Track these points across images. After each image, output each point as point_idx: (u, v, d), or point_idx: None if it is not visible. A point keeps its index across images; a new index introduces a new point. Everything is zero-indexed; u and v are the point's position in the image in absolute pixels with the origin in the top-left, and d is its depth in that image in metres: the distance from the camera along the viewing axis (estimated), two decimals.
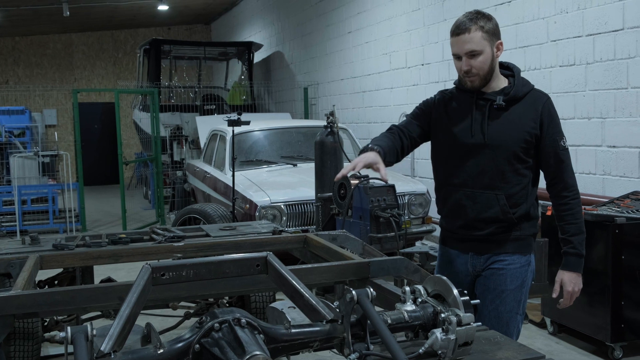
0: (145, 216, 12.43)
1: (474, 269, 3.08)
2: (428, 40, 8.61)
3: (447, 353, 1.92)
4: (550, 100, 2.98)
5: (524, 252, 3.05)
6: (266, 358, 1.67)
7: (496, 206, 2.95)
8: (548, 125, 2.93)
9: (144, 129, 14.12)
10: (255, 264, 2.12)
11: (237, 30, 18.44)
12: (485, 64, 2.88)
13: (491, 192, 2.97)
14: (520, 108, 2.94)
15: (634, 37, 5.47)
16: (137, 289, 1.92)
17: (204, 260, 2.09)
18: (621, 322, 4.70)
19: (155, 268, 1.99)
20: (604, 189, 5.83)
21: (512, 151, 2.93)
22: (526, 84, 2.99)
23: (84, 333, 1.64)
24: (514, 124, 2.93)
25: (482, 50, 2.85)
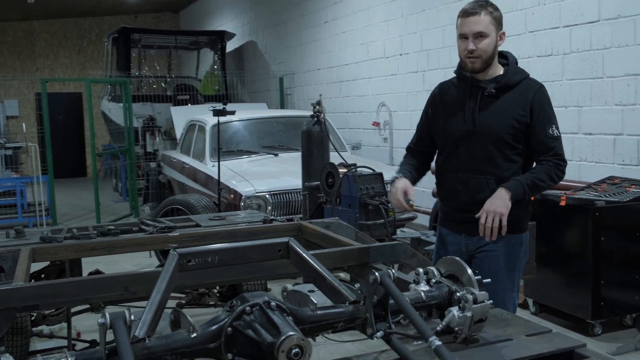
0: (118, 209, 12.31)
1: (467, 249, 3.22)
2: (406, 31, 8.73)
3: (464, 330, 2.04)
4: (542, 89, 3.10)
5: (515, 232, 3.13)
6: (300, 338, 1.75)
7: (486, 190, 3.08)
8: (538, 113, 3.04)
9: (114, 119, 13.92)
10: (278, 249, 2.19)
11: (207, 19, 18.32)
12: (489, 48, 3.05)
13: (482, 176, 3.11)
14: (511, 96, 3.08)
15: (609, 28, 5.66)
16: (166, 276, 1.97)
17: (229, 246, 2.15)
18: (600, 300, 4.92)
19: (182, 254, 2.05)
20: (580, 175, 6.02)
21: (500, 137, 3.06)
22: (519, 73, 3.13)
23: (122, 318, 1.69)
24: (503, 111, 3.06)
25: (488, 34, 3.03)
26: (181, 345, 1.76)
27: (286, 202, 6.68)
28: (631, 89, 5.51)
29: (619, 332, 5.06)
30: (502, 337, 2.13)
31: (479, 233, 3.02)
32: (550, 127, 3.05)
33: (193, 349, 1.77)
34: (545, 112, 3.06)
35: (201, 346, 1.78)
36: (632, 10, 5.44)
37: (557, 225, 5.13)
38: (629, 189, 5.11)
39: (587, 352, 2.03)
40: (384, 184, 5.33)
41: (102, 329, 1.65)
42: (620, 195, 5.00)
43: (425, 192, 8.34)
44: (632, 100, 5.51)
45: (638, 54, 5.42)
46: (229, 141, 8.15)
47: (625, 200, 4.94)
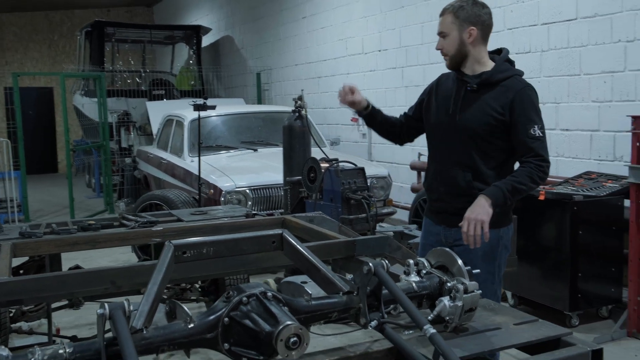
0: (92, 205, 12.19)
1: (446, 240, 3.24)
2: (385, 27, 8.77)
3: (454, 319, 2.08)
4: (526, 89, 3.05)
5: (495, 226, 3.10)
6: (299, 327, 1.77)
7: (462, 182, 3.13)
8: (519, 113, 3.01)
9: (87, 114, 13.76)
10: (271, 241, 2.21)
11: (181, 14, 18.21)
12: (451, 46, 3.11)
13: (459, 169, 3.15)
14: (491, 93, 3.07)
15: (586, 26, 5.75)
16: (162, 267, 1.98)
17: (223, 238, 2.16)
18: (577, 292, 5.02)
19: (177, 246, 2.05)
20: (557, 170, 6.10)
21: (477, 132, 3.09)
22: (505, 71, 3.11)
23: (121, 309, 1.69)
24: (482, 107, 3.08)
25: (448, 33, 3.10)
26: (179, 336, 1.77)
27: (266, 197, 6.69)
28: (607, 86, 5.60)
29: (595, 323, 5.16)
30: (491, 325, 2.17)
31: (464, 241, 3.01)
32: (532, 127, 3.01)
33: (190, 339, 1.78)
34: (526, 112, 3.02)
35: (198, 336, 1.79)
36: (609, 9, 5.53)
37: (535, 219, 5.20)
38: (605, 184, 5.20)
39: (573, 339, 2.08)
40: (366, 178, 5.37)
41: (101, 319, 1.65)
42: (597, 190, 5.09)
43: (403, 187, 8.41)
44: (609, 97, 5.60)
45: (614, 52, 5.52)
46: (208, 136, 8.12)
47: (602, 194, 5.03)
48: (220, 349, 1.81)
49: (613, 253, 5.16)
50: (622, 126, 5.37)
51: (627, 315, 4.86)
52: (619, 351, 4.54)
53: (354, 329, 5.07)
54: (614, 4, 5.49)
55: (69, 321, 5.32)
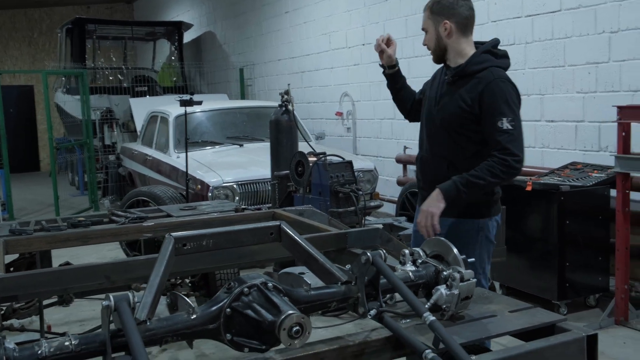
0: (76, 203, 12.13)
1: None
2: (369, 20, 8.78)
3: (451, 307, 2.11)
4: (498, 81, 3.03)
5: (474, 217, 3.19)
6: (301, 316, 1.79)
7: (439, 172, 3.19)
8: (488, 105, 3.02)
9: (69, 112, 13.69)
10: (270, 232, 2.22)
11: (162, 10, 18.12)
12: (430, 41, 3.21)
13: (437, 159, 3.24)
14: (465, 85, 3.11)
15: (570, 18, 5.80)
16: (163, 259, 1.99)
17: (222, 230, 2.17)
18: (565, 282, 5.07)
19: (177, 238, 2.06)
20: (542, 161, 6.16)
21: (449, 123, 3.16)
22: (482, 63, 3.11)
23: (126, 301, 1.71)
24: (455, 98, 3.14)
25: (427, 29, 3.22)
26: (182, 327, 1.79)
27: (254, 192, 6.69)
28: (592, 77, 5.66)
29: (583, 312, 5.23)
30: (487, 313, 2.20)
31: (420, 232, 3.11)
32: (500, 120, 2.98)
33: (193, 330, 1.80)
34: (495, 104, 3.01)
35: (201, 327, 1.81)
36: (593, 0, 5.58)
37: (523, 209, 5.25)
38: (591, 174, 5.26)
39: (568, 325, 2.11)
40: (354, 171, 5.39)
41: (107, 311, 1.66)
42: (584, 180, 5.15)
43: (389, 180, 8.44)
44: (593, 88, 5.66)
45: (598, 43, 5.57)
46: (193, 132, 8.10)
47: (588, 185, 5.09)
48: (222, 339, 1.83)
49: (600, 242, 5.22)
50: (606, 116, 5.43)
51: (615, 303, 4.91)
52: (607, 339, 4.60)
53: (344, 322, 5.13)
54: None
55: (59, 318, 5.31)
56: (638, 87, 5.29)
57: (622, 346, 4.56)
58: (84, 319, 5.44)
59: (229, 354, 4.26)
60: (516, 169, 3.02)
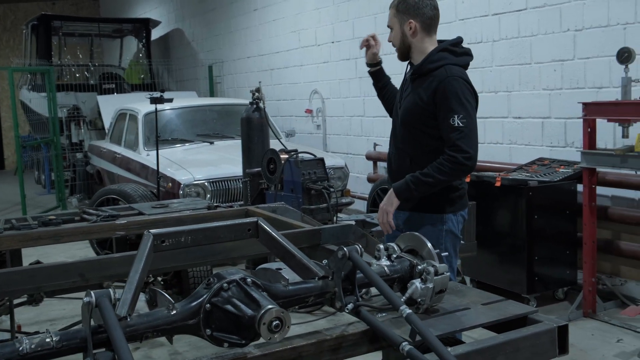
0: (43, 201, 11.98)
1: (396, 221, 3.32)
2: (338, 19, 8.80)
3: (426, 300, 2.15)
4: (450, 80, 3.09)
5: (435, 211, 3.26)
6: (280, 310, 1.81)
7: (402, 167, 3.30)
8: (441, 103, 3.10)
9: (35, 109, 13.52)
10: (247, 229, 2.24)
11: (129, 7, 17.97)
12: (395, 39, 3.29)
13: (401, 155, 3.34)
14: (422, 83, 3.19)
15: (536, 16, 5.89)
16: (142, 256, 2.00)
17: (200, 227, 2.19)
18: (534, 276, 5.17)
19: (155, 235, 2.07)
20: (510, 157, 6.25)
21: (408, 119, 3.27)
22: (437, 61, 3.17)
23: (108, 297, 1.72)
24: (413, 96, 3.23)
25: (392, 26, 3.30)
26: (162, 323, 1.80)
27: (225, 190, 6.69)
28: (557, 74, 5.75)
29: (552, 305, 5.33)
30: (461, 306, 2.25)
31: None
32: (452, 117, 3.06)
33: (173, 325, 1.81)
34: (447, 102, 3.09)
35: (181, 323, 1.82)
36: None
37: (492, 205, 5.33)
38: (558, 170, 5.36)
39: (539, 317, 2.17)
40: (326, 169, 5.42)
41: (87, 307, 1.67)
42: (551, 176, 5.24)
43: (360, 177, 8.49)
44: (559, 85, 5.75)
45: (564, 41, 5.66)
46: (163, 130, 8.03)
47: (555, 180, 5.18)
48: (202, 334, 1.85)
49: (567, 237, 5.32)
50: (572, 113, 5.53)
51: (582, 296, 5.02)
52: (576, 331, 4.70)
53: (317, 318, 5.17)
54: None
55: (29, 317, 5.26)
56: (602, 84, 5.39)
57: (590, 338, 4.66)
58: (54, 318, 5.40)
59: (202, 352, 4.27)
60: (466, 165, 3.09)
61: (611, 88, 5.28)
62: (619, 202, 5.39)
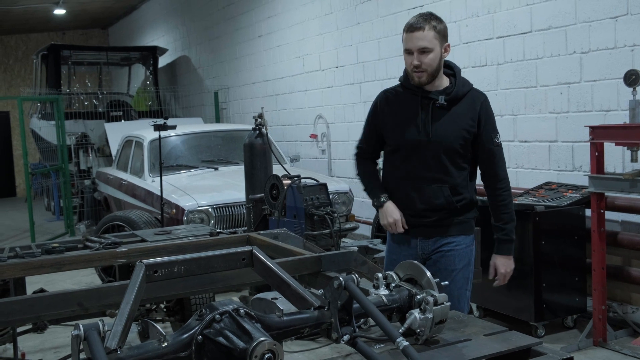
0: (52, 228, 12.05)
1: (423, 251, 3.35)
2: (342, 44, 8.83)
3: (425, 331, 2.09)
4: (487, 99, 3.29)
5: (467, 233, 3.36)
6: (272, 343, 1.76)
7: (441, 197, 3.25)
8: (485, 123, 3.22)
9: (44, 137, 13.63)
10: (242, 258, 2.19)
11: (137, 35, 18.13)
12: (434, 62, 3.15)
13: (436, 184, 3.25)
14: (460, 107, 3.22)
15: (541, 39, 5.86)
16: (134, 287, 1.96)
17: (194, 256, 2.14)
18: (542, 303, 5.06)
19: (148, 265, 2.03)
20: (517, 181, 6.18)
21: (452, 147, 3.21)
22: (466, 84, 3.28)
23: (96, 329, 1.68)
24: (455, 122, 3.20)
25: (432, 48, 3.12)
26: (153, 355, 1.75)
27: (229, 216, 6.66)
28: (564, 97, 5.71)
29: (561, 333, 5.22)
30: (462, 337, 2.18)
31: (500, 284, 3.49)
32: (496, 136, 3.28)
33: (164, 358, 1.77)
34: (491, 121, 3.26)
35: (172, 355, 1.78)
36: (563, 21, 5.65)
37: None
38: (565, 194, 5.28)
39: (544, 349, 2.10)
40: (329, 194, 5.38)
41: (76, 340, 1.63)
42: (558, 200, 5.17)
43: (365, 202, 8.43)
44: (565, 108, 5.71)
45: (569, 63, 5.62)
46: (168, 156, 8.06)
47: (563, 205, 5.11)
48: None
49: (576, 263, 5.23)
50: (579, 136, 5.48)
51: (592, 324, 4.91)
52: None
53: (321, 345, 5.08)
54: (568, 16, 5.60)
55: (33, 345, 5.24)
56: (610, 107, 5.34)
57: None
58: (58, 345, 5.37)
59: None
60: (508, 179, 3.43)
61: (619, 111, 5.22)
62: (629, 228, 5.29)
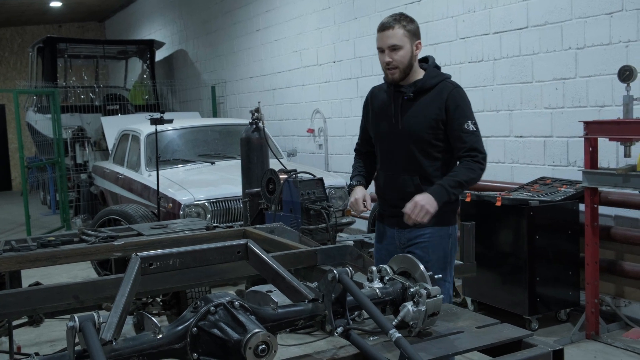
0: (48, 222, 12.06)
1: (400, 241, 3.45)
2: (339, 38, 8.83)
3: (418, 323, 2.11)
4: (457, 90, 3.34)
5: (442, 225, 3.38)
6: (266, 334, 1.78)
7: (412, 186, 3.34)
8: (453, 110, 3.28)
9: (40, 131, 13.59)
10: (237, 251, 2.21)
11: (134, 28, 18.08)
12: (405, 58, 3.30)
13: (407, 174, 3.37)
14: (427, 97, 3.33)
15: (537, 34, 5.88)
16: (129, 279, 1.97)
17: (189, 249, 2.16)
18: (536, 297, 5.11)
19: (143, 258, 2.04)
20: (512, 176, 6.22)
21: (421, 137, 3.32)
22: (436, 76, 3.37)
23: (91, 321, 1.69)
24: (422, 112, 3.32)
25: (402, 46, 3.28)
26: (148, 347, 1.77)
27: (225, 210, 6.68)
28: (559, 92, 5.73)
29: (554, 326, 5.26)
30: (454, 329, 2.21)
31: (405, 220, 3.23)
32: (466, 122, 3.27)
33: (159, 349, 1.79)
34: (460, 109, 3.29)
35: (167, 347, 1.80)
36: (559, 17, 5.67)
37: (493, 225, 5.29)
38: (560, 189, 5.32)
39: (535, 340, 2.12)
40: (325, 188, 5.40)
41: (71, 331, 1.65)
42: (553, 195, 5.20)
43: None
44: (560, 103, 5.73)
45: (565, 59, 5.65)
46: (164, 150, 8.05)
47: (557, 199, 5.14)
48: (189, 359, 1.82)
49: (570, 257, 5.26)
50: (574, 132, 5.50)
51: (585, 318, 4.95)
52: (579, 353, 4.64)
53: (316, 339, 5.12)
54: (564, 12, 5.62)
55: (29, 339, 5.25)
56: (604, 103, 5.36)
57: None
58: (54, 339, 5.38)
59: None
60: (484, 165, 3.32)
61: (613, 106, 5.25)
62: (622, 222, 5.33)
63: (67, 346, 1.67)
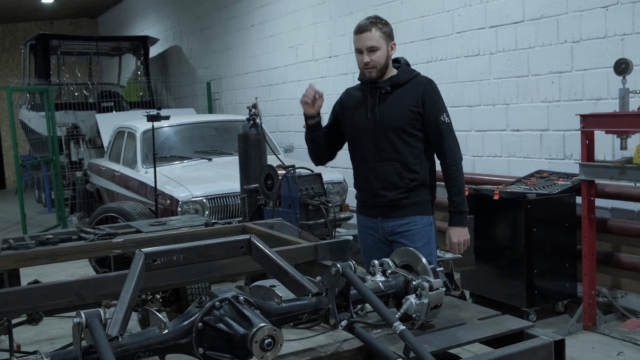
0: (43, 220, 12.01)
1: (384, 231, 3.64)
2: (335, 33, 8.83)
3: (421, 316, 2.13)
4: (431, 84, 3.61)
5: (424, 214, 3.63)
6: (272, 328, 1.80)
7: (393, 174, 3.55)
8: (429, 104, 3.53)
9: (34, 129, 13.53)
10: (240, 246, 2.23)
11: (127, 25, 18.01)
12: (382, 59, 3.52)
13: (388, 163, 3.56)
14: (403, 91, 3.57)
15: (533, 28, 5.89)
16: (134, 275, 1.98)
17: (193, 245, 2.18)
18: (534, 289, 5.14)
19: (147, 254, 2.06)
20: (509, 170, 6.24)
21: (399, 126, 3.54)
22: (409, 73, 3.64)
23: (98, 317, 1.70)
24: (399, 104, 3.53)
25: (379, 47, 3.50)
26: (154, 342, 1.78)
27: (223, 206, 6.68)
28: (555, 86, 5.75)
29: (552, 318, 5.30)
30: (456, 321, 2.23)
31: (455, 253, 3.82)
32: (442, 115, 3.54)
33: (165, 345, 1.80)
34: (434, 103, 3.55)
35: (173, 342, 1.81)
36: (555, 11, 5.68)
37: (491, 218, 5.31)
38: (557, 182, 5.34)
39: (536, 331, 2.15)
40: (323, 184, 5.40)
41: (78, 327, 1.65)
42: (549, 188, 5.22)
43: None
44: (557, 97, 5.75)
45: (561, 53, 5.66)
46: (161, 147, 8.02)
47: (554, 192, 5.16)
48: (195, 353, 1.83)
49: (567, 249, 5.30)
50: (570, 125, 5.52)
51: (583, 309, 4.99)
52: (577, 344, 4.67)
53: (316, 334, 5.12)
54: (560, 6, 5.64)
55: (28, 337, 5.25)
56: (601, 96, 5.38)
57: (590, 351, 4.63)
58: (54, 337, 5.38)
59: None
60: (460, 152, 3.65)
61: (609, 99, 5.27)
62: (619, 214, 5.36)
63: (74, 342, 1.67)
